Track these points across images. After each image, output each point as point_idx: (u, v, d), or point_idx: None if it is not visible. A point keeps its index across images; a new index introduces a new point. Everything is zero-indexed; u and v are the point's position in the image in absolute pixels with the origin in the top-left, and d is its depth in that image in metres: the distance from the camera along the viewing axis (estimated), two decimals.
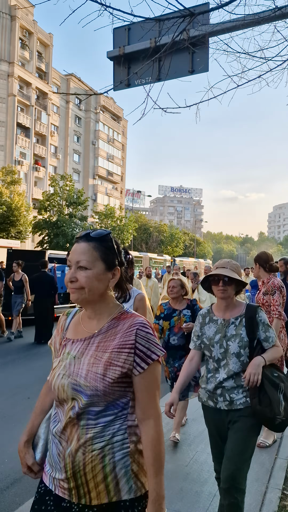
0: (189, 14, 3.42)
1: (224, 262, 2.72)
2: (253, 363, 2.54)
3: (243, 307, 2.72)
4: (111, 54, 6.84)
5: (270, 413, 2.45)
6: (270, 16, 4.70)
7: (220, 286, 2.65)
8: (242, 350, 2.58)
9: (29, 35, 45.97)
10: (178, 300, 4.57)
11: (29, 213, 33.40)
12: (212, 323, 2.73)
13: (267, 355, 2.60)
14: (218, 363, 2.66)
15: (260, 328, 2.65)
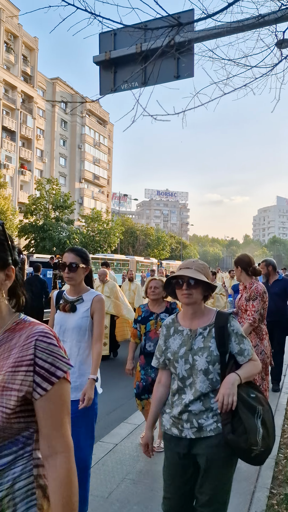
0: (176, 24, 3.48)
1: (189, 262, 2.34)
2: (226, 382, 2.15)
3: (213, 315, 2.33)
4: (97, 59, 6.88)
5: (245, 443, 2.06)
6: (254, 23, 4.79)
7: (184, 290, 2.25)
8: (211, 366, 2.19)
9: (14, 38, 45.77)
10: (157, 302, 4.28)
11: (15, 217, 33.21)
12: (178, 334, 2.34)
13: (243, 372, 2.22)
14: (183, 382, 2.26)
15: (233, 339, 2.26)
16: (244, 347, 2.26)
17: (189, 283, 2.24)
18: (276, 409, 5.48)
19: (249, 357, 2.26)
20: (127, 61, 6.53)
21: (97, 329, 3.05)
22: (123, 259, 37.35)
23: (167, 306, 4.28)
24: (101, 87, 7.10)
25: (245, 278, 4.31)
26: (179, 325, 2.36)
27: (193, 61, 6.02)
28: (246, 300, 4.21)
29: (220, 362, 2.20)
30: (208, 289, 2.31)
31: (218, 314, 2.32)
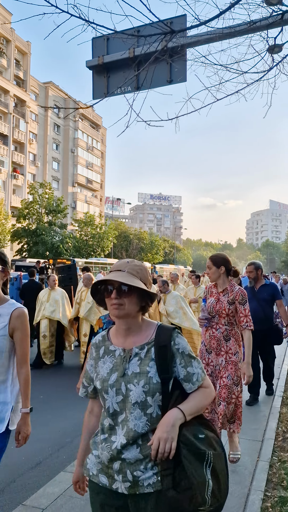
0: (169, 32, 3.51)
1: (122, 263, 1.84)
2: (164, 422, 1.64)
3: (153, 331, 1.83)
4: (90, 64, 6.91)
5: (188, 502, 1.56)
6: (246, 29, 4.85)
7: (113, 299, 1.74)
8: (150, 397, 1.68)
9: (7, 42, 45.78)
10: None
11: (7, 221, 33.10)
12: (109, 356, 1.83)
13: (189, 405, 1.72)
14: (115, 419, 1.73)
15: (178, 361, 1.78)
16: (192, 370, 1.79)
17: (120, 290, 1.74)
18: (270, 412, 5.50)
19: (199, 384, 1.79)
20: (120, 66, 6.57)
21: (21, 350, 2.53)
22: None
23: None
24: (94, 91, 7.13)
25: (225, 279, 3.96)
26: (110, 344, 1.86)
27: (186, 66, 6.06)
28: (230, 304, 3.86)
29: (162, 392, 1.72)
30: (146, 298, 1.80)
31: (160, 329, 1.83)
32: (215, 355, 3.88)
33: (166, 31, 3.53)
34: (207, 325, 3.95)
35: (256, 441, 4.56)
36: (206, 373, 3.57)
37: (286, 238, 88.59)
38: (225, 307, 3.85)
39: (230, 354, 3.82)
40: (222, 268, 3.94)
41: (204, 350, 3.96)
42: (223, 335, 3.87)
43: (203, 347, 4.00)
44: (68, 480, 3.59)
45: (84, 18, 3.09)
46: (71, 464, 3.95)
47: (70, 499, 3.31)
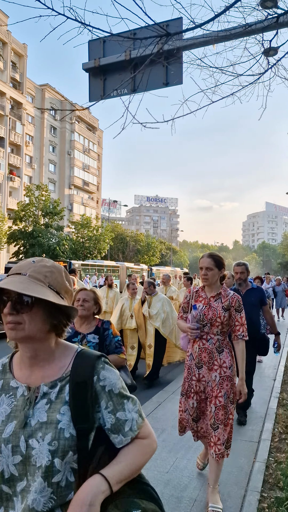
0: (165, 34, 3.54)
1: (24, 264, 1.30)
2: (78, 499, 1.11)
3: (69, 361, 1.31)
4: (86, 66, 6.93)
5: None
6: (242, 32, 4.88)
7: (8, 316, 1.22)
8: (58, 459, 1.16)
9: (3, 45, 45.77)
10: (86, 320, 3.34)
11: (4, 223, 33.04)
12: (7, 394, 1.28)
13: (118, 468, 1.20)
14: (12, 487, 1.19)
15: (104, 404, 1.27)
16: (124, 416, 1.28)
17: (17, 303, 1.22)
18: (266, 413, 5.51)
19: (134, 435, 1.28)
20: (116, 68, 6.60)
21: None
22: (113, 265, 37.30)
23: (97, 325, 3.36)
24: (91, 94, 7.15)
25: (218, 283, 3.49)
26: (11, 378, 1.31)
27: (182, 69, 6.09)
28: (225, 310, 3.38)
29: (78, 450, 1.20)
30: (59, 313, 1.29)
31: (79, 357, 1.31)
32: (207, 370, 3.36)
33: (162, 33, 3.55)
34: (197, 336, 3.41)
35: (252, 442, 4.57)
36: (198, 390, 3.40)
37: (282, 240, 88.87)
38: (220, 314, 3.34)
39: (225, 368, 3.34)
40: (223, 270, 3.46)
41: (193, 365, 3.43)
42: (215, 346, 3.36)
43: (191, 361, 3.46)
44: None
45: (80, 20, 3.11)
46: None
47: None
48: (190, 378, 3.43)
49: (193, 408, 3.41)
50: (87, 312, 3.31)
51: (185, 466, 3.96)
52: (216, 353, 3.36)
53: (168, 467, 3.96)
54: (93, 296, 3.36)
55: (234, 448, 4.37)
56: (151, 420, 5.12)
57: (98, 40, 6.73)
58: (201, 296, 3.51)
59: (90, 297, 3.34)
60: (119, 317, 7.60)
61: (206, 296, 3.45)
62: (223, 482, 3.67)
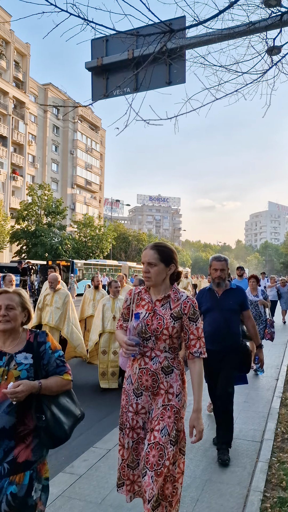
0: (168, 31, 3.52)
1: None
2: None
3: None
4: (89, 65, 6.93)
5: None
6: (245, 30, 4.87)
7: None
8: None
9: (6, 44, 45.85)
10: (12, 335, 2.33)
11: (6, 222, 33.09)
12: None
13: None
14: None
15: None
16: None
17: None
18: (269, 413, 5.49)
19: None
20: (119, 67, 6.60)
21: None
22: (115, 265, 37.33)
23: (29, 339, 2.35)
24: (93, 93, 7.15)
25: (167, 283, 2.65)
26: None
27: (185, 68, 6.08)
28: (174, 319, 2.52)
29: None
30: None
31: None
32: (149, 398, 2.51)
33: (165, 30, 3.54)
34: (135, 354, 2.51)
35: (255, 442, 4.56)
36: (135, 425, 2.54)
37: (284, 240, 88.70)
38: (167, 324, 2.48)
39: (171, 394, 2.50)
40: (172, 266, 2.58)
41: (131, 392, 2.56)
42: (161, 366, 2.49)
43: (129, 385, 2.59)
44: (66, 481, 3.59)
45: (83, 17, 3.10)
46: (69, 465, 3.95)
47: (68, 500, 3.30)
48: (127, 408, 2.57)
49: (128, 450, 2.53)
50: (12, 323, 2.28)
51: (187, 465, 3.95)
52: (161, 375, 2.49)
53: None
54: (19, 300, 2.36)
55: (237, 448, 4.36)
56: None
57: (101, 39, 6.73)
58: (144, 299, 2.63)
59: (16, 302, 2.33)
60: (101, 319, 6.89)
61: (150, 300, 2.59)
62: (226, 481, 3.66)
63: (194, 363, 2.52)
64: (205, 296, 4.42)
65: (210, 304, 4.32)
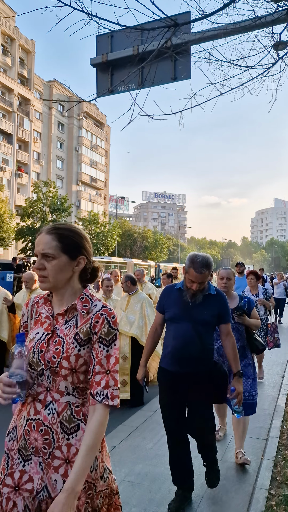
0: (173, 25, 3.49)
1: None
2: None
3: None
4: (94, 61, 6.90)
5: None
6: (251, 25, 4.81)
7: None
8: None
9: (11, 41, 45.83)
10: None
11: (12, 219, 33.16)
12: None
13: None
14: None
15: None
16: None
17: None
18: (274, 410, 5.47)
19: None
20: (124, 63, 6.55)
21: None
22: (120, 262, 37.35)
23: None
24: (98, 89, 7.11)
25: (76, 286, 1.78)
26: None
27: (190, 63, 6.04)
28: (80, 344, 1.65)
29: None
30: None
31: None
32: (38, 467, 1.59)
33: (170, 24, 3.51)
34: (20, 399, 1.61)
35: (260, 440, 4.54)
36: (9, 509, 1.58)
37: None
38: (68, 351, 1.61)
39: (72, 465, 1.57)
40: (81, 260, 1.71)
41: (15, 455, 1.64)
42: (60, 419, 1.60)
43: (11, 443, 1.68)
44: None
45: (87, 11, 3.08)
46: None
47: None
48: (2, 479, 1.62)
49: None
50: None
51: (193, 463, 3.94)
52: (60, 434, 1.59)
53: None
54: None
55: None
56: (158, 417, 5.12)
57: (105, 35, 6.69)
58: (41, 314, 1.76)
59: None
60: None
61: (51, 314, 1.72)
62: (231, 478, 3.65)
63: (93, 411, 1.57)
64: (172, 297, 3.25)
65: (179, 311, 3.17)
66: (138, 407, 5.60)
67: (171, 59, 5.97)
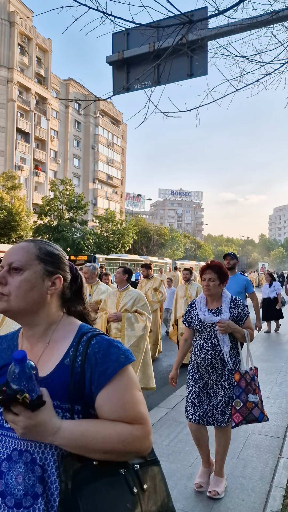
0: (188, 21, 3.48)
1: None
2: None
3: None
4: (110, 59, 6.91)
5: None
6: (268, 19, 4.76)
7: None
8: None
9: (28, 40, 46.24)
10: None
11: (29, 218, 33.51)
12: None
13: None
14: None
15: None
16: None
17: None
18: None
19: None
20: (140, 61, 6.55)
21: None
22: (137, 260, 37.40)
23: None
24: (114, 87, 7.13)
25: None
26: None
27: (207, 59, 5.99)
28: None
29: None
30: None
31: None
32: None
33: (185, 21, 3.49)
34: None
35: (277, 438, 4.51)
36: None
37: None
38: None
39: None
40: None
41: None
42: None
43: None
44: None
45: (102, 10, 3.09)
46: None
47: None
48: None
49: None
50: None
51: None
52: None
53: (191, 460, 3.95)
54: None
55: (259, 444, 4.32)
56: (175, 413, 5.12)
57: (121, 33, 6.70)
58: None
59: None
60: None
61: None
62: (248, 476, 3.64)
63: None
64: None
65: None
66: (154, 405, 5.62)
67: (187, 56, 5.94)
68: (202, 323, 3.40)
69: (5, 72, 43.18)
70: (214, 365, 3.33)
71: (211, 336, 3.37)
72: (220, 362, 3.33)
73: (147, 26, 3.91)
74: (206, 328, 3.39)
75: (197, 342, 3.48)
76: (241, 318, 3.39)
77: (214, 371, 3.34)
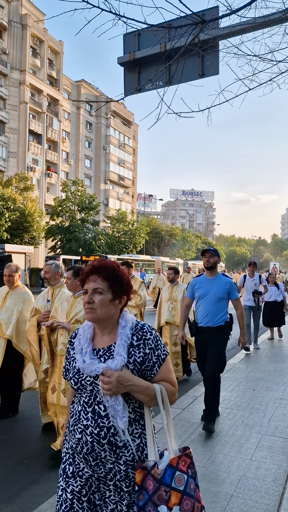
0: (200, 21, 3.47)
1: None
2: None
3: None
4: (121, 60, 6.93)
5: None
6: (280, 18, 4.72)
7: None
8: None
9: (40, 43, 46.57)
10: None
11: (42, 218, 33.77)
12: None
13: None
14: None
15: None
16: None
17: None
18: None
19: None
20: (152, 61, 6.55)
21: None
22: (148, 260, 37.41)
23: None
24: (126, 88, 7.14)
25: None
26: None
27: (218, 59, 5.97)
28: None
29: None
30: None
31: None
32: None
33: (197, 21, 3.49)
34: None
35: None
36: None
37: None
38: None
39: None
40: None
41: None
42: None
43: None
44: None
45: (115, 12, 3.10)
46: None
47: None
48: None
49: None
50: None
51: (221, 461, 3.93)
52: None
53: (204, 461, 3.93)
54: None
55: (272, 445, 4.29)
56: (187, 414, 5.11)
57: (133, 34, 6.70)
58: None
59: None
60: None
61: None
62: (261, 478, 3.61)
63: None
64: None
65: None
66: None
67: (199, 55, 5.93)
68: (79, 375, 1.81)
69: (18, 75, 43.56)
70: (99, 453, 1.73)
71: (94, 399, 1.78)
72: (109, 448, 1.73)
73: (159, 26, 3.90)
74: (86, 385, 1.80)
75: (73, 410, 1.87)
76: (150, 365, 1.82)
77: (100, 462, 1.75)
